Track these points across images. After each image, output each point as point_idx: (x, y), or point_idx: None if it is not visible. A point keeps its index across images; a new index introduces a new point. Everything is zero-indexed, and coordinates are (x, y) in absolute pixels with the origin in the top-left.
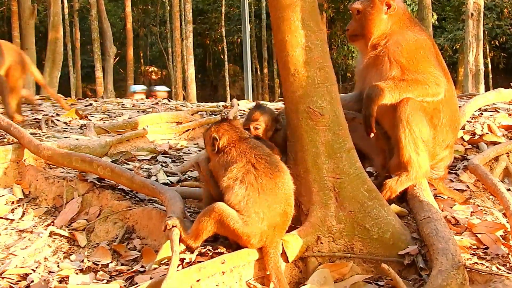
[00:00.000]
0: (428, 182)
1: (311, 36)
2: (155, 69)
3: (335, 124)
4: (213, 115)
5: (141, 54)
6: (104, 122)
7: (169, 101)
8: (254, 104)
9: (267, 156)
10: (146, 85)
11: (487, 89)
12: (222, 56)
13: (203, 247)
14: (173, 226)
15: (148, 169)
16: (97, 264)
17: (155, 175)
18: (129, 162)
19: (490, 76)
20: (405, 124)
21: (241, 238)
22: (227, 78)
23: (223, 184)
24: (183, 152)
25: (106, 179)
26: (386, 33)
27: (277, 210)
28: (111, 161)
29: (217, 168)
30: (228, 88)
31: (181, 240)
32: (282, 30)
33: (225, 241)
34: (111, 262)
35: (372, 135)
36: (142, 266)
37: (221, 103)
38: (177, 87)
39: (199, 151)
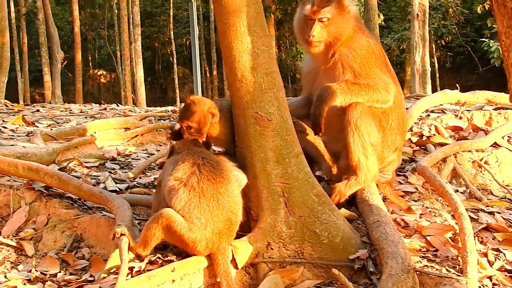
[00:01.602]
0: (376, 185)
1: (258, 42)
2: (104, 72)
3: (283, 130)
4: (162, 120)
5: (90, 58)
6: (51, 129)
7: (117, 105)
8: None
9: (214, 162)
10: (95, 88)
11: (434, 88)
12: (171, 59)
13: (152, 255)
14: (121, 234)
15: (97, 176)
16: (45, 274)
17: (103, 182)
18: (77, 170)
19: (437, 75)
20: (354, 127)
21: (188, 244)
22: (176, 81)
23: (168, 183)
24: (132, 158)
25: (54, 187)
26: (342, 38)
27: (220, 216)
28: (58, 169)
29: (166, 168)
30: (177, 91)
31: (130, 249)
32: (228, 36)
33: (175, 248)
34: (60, 272)
35: (320, 135)
36: (91, 276)
37: (169, 108)
38: (126, 90)
39: (148, 157)
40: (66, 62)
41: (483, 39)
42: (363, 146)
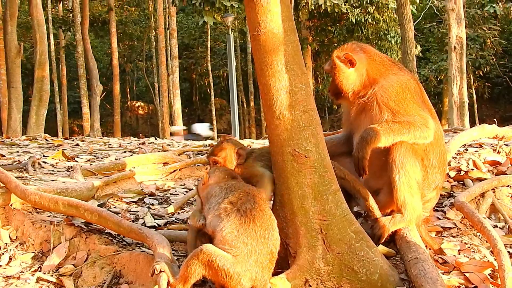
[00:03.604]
0: None
1: (295, 80)
2: (142, 104)
3: (321, 167)
4: (200, 155)
5: (128, 89)
6: (91, 164)
7: (155, 139)
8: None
9: (258, 196)
10: (133, 120)
11: (472, 120)
12: (208, 90)
13: None
14: (160, 271)
15: (135, 211)
16: None
17: (142, 218)
18: (116, 205)
19: (475, 106)
20: (399, 166)
21: (232, 277)
22: (213, 112)
23: (219, 207)
24: (170, 194)
25: (94, 223)
26: (367, 83)
27: (265, 247)
28: (98, 205)
29: (208, 195)
30: (215, 122)
31: (169, 285)
32: (266, 73)
33: (213, 284)
34: None
35: (364, 177)
36: None
37: (207, 142)
38: (164, 122)
39: (186, 192)
40: (104, 94)
41: None
42: (409, 185)
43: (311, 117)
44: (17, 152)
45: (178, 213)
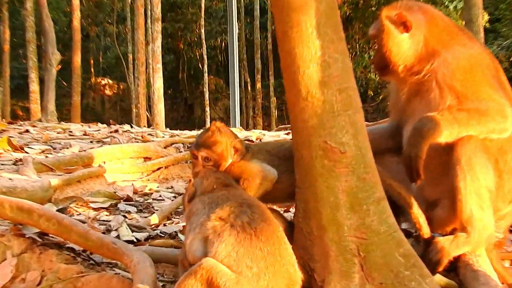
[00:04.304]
0: None
1: (329, 48)
2: (110, 81)
3: (361, 166)
4: None
5: (92, 61)
6: (46, 156)
7: (131, 127)
8: (242, 132)
9: (257, 205)
10: (97, 103)
11: None
12: (200, 66)
13: None
14: None
15: (106, 221)
16: None
17: (115, 230)
18: (80, 211)
19: None
20: (465, 169)
21: None
22: (206, 96)
23: (206, 226)
24: (153, 199)
25: (51, 235)
26: (424, 55)
27: (277, 267)
28: (57, 210)
29: (195, 210)
30: (207, 109)
31: None
32: (290, 39)
33: None
34: None
35: (418, 182)
36: None
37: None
38: (139, 106)
39: (175, 197)
40: (60, 67)
41: None
42: (478, 194)
43: (350, 98)
44: None
45: (164, 225)
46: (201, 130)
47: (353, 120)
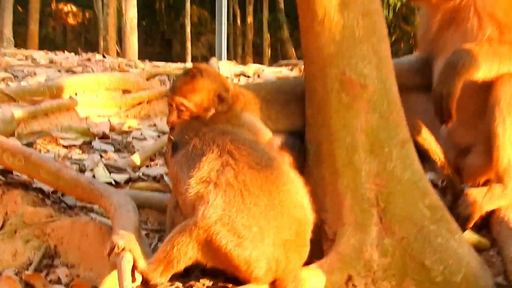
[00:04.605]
0: None
1: None
2: (74, 8)
3: (384, 102)
4: None
5: None
6: (8, 85)
7: (104, 57)
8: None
9: (251, 141)
10: (58, 33)
11: None
12: None
13: (169, 284)
14: (123, 249)
15: (79, 160)
16: None
17: (90, 170)
18: (49, 148)
19: None
20: (505, 112)
21: (239, 267)
22: (188, 29)
23: (189, 192)
24: (133, 137)
25: (15, 172)
26: None
27: (281, 217)
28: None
29: (178, 169)
30: (189, 45)
31: (138, 272)
32: None
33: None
34: None
35: (449, 125)
36: None
37: (189, 64)
38: (108, 38)
39: (158, 136)
40: None
41: None
42: None
43: (374, 24)
44: None
45: (147, 166)
46: (183, 70)
47: (377, 49)
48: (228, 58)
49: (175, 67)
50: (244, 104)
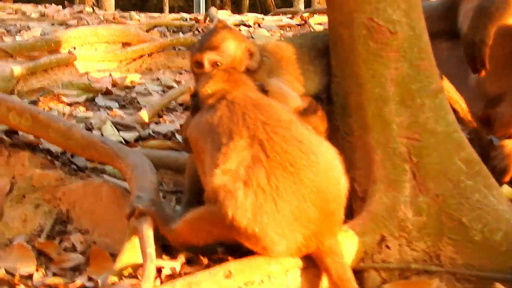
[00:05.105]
0: None
1: None
2: None
3: (414, 50)
4: (181, 33)
5: None
6: (3, 41)
7: (92, 9)
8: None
9: (286, 124)
10: None
11: None
12: None
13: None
14: (143, 213)
15: (85, 117)
16: (13, 275)
17: (97, 129)
18: (52, 106)
19: None
20: None
21: (267, 253)
22: None
23: (215, 179)
24: (137, 92)
25: (22, 133)
26: None
27: (312, 212)
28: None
29: (194, 139)
30: None
31: (162, 233)
32: None
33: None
34: (37, 271)
35: (482, 74)
36: (90, 279)
37: (187, 15)
38: None
39: (163, 92)
40: None
41: None
42: None
43: None
44: None
45: (156, 123)
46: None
47: None
48: (206, 9)
49: (172, 18)
50: (271, 68)
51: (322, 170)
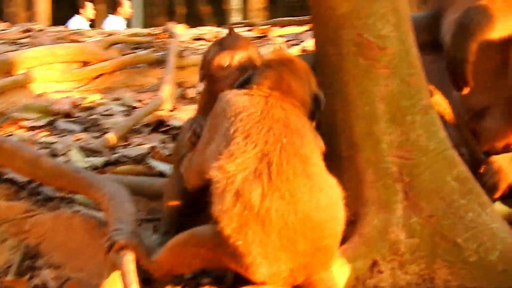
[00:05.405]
0: None
1: None
2: None
3: (404, 65)
4: (142, 50)
5: None
6: None
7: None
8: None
9: (298, 139)
10: None
11: None
12: None
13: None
14: (122, 247)
15: (49, 143)
16: None
17: (63, 154)
18: (11, 131)
19: None
20: None
21: (252, 278)
22: None
23: (207, 171)
24: (99, 114)
25: None
26: None
27: (303, 245)
28: None
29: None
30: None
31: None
32: None
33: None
34: None
35: (465, 91)
36: None
37: (146, 30)
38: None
39: (128, 112)
40: None
41: None
42: None
43: None
44: None
45: (124, 147)
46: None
47: (396, 5)
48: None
49: (131, 33)
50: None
51: (322, 207)
